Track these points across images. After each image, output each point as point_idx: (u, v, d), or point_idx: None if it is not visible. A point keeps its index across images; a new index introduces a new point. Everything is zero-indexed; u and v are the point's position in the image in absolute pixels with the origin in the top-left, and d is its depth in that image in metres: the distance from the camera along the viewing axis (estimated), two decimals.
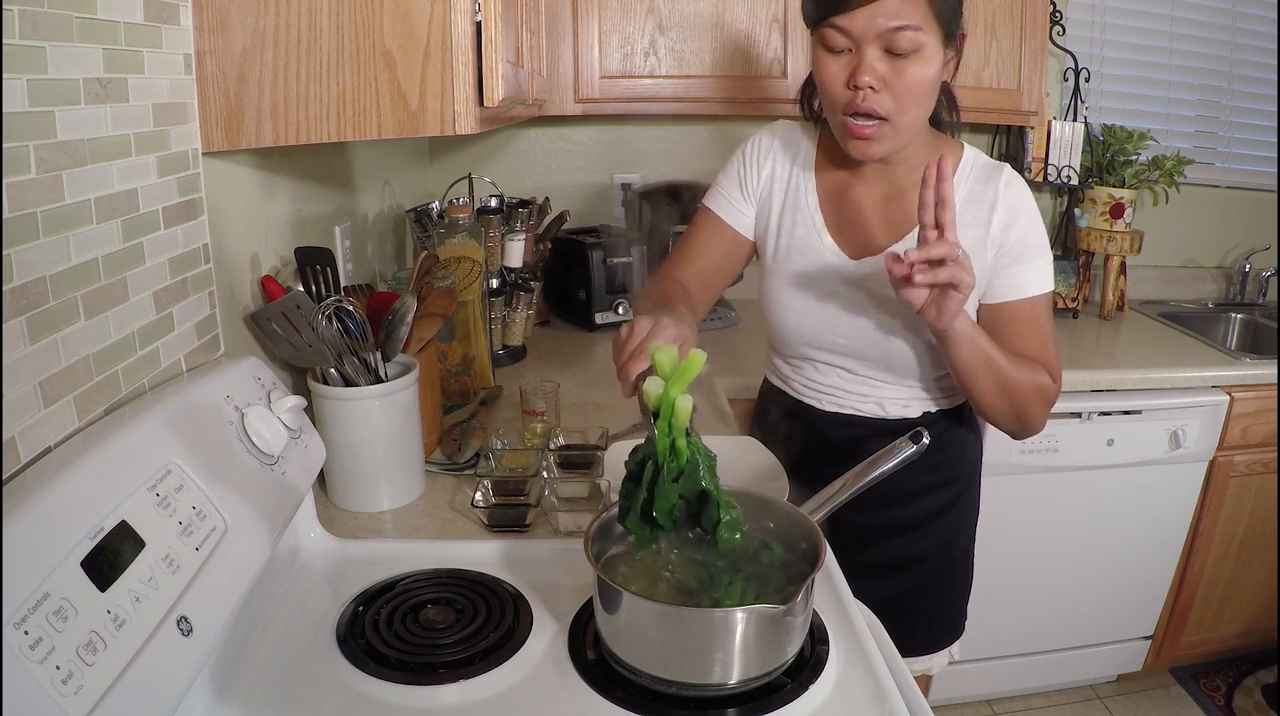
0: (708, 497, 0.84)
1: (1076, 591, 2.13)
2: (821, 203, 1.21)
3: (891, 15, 1.01)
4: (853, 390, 1.24)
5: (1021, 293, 1.14)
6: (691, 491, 0.84)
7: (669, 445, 0.83)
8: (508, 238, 1.83)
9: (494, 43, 0.96)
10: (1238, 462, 2.07)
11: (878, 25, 1.01)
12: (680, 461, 0.83)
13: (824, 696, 0.82)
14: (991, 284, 1.15)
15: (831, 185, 1.21)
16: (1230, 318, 2.55)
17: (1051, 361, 1.16)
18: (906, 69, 1.04)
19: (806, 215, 1.21)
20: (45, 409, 0.73)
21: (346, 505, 1.19)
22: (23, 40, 0.69)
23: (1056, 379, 1.16)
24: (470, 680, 0.84)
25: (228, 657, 0.84)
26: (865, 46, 1.03)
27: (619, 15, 1.92)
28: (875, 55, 1.03)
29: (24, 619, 0.55)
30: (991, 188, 1.14)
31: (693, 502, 0.85)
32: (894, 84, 1.04)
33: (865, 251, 1.18)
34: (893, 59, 1.04)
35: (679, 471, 0.83)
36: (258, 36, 0.95)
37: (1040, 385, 1.14)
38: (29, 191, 0.71)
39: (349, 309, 1.11)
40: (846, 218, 1.19)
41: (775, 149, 1.25)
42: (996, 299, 1.15)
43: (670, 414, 0.82)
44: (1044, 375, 1.14)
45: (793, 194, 1.22)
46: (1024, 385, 1.12)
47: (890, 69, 1.04)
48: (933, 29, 1.03)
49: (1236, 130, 2.57)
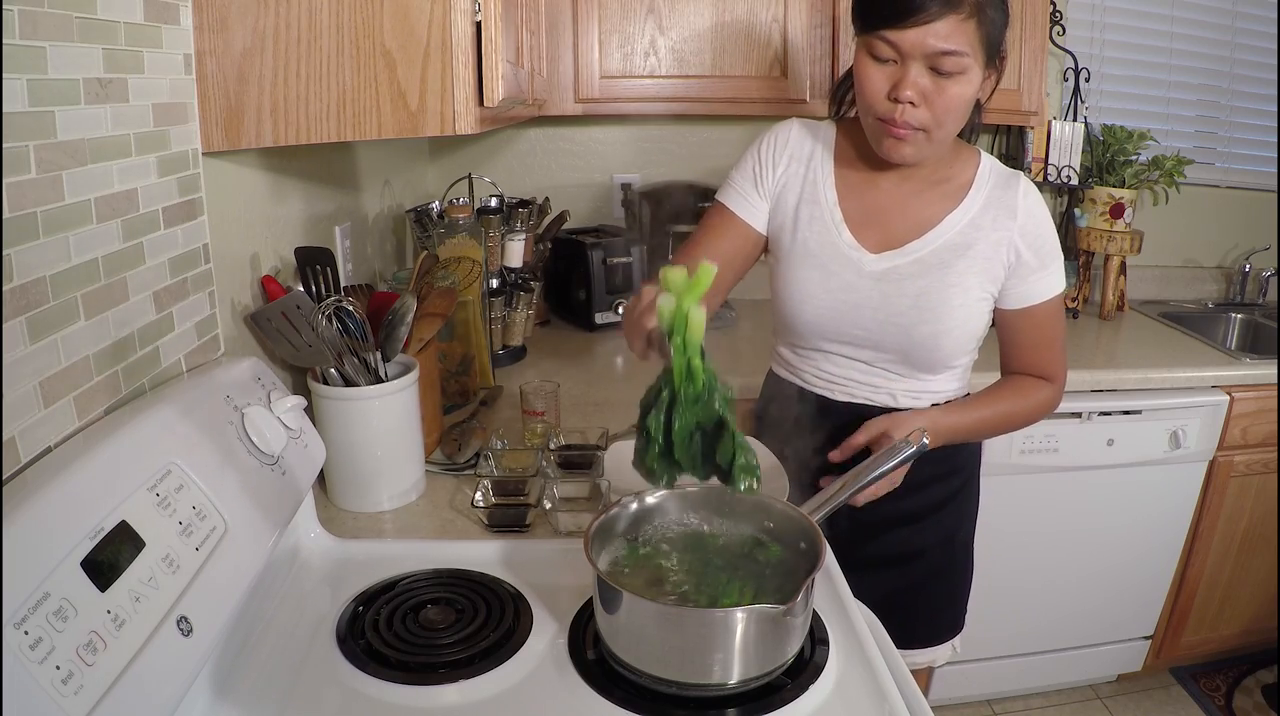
0: (723, 430, 0.84)
1: (1076, 591, 2.13)
2: (840, 198, 1.22)
3: (942, 38, 1.03)
4: (865, 381, 1.25)
5: (1039, 298, 1.20)
6: (709, 419, 0.84)
7: (685, 365, 0.83)
8: (508, 238, 1.83)
9: (494, 43, 0.96)
10: (1238, 462, 2.07)
11: (927, 45, 1.04)
12: (696, 385, 0.83)
13: (824, 696, 0.82)
14: (1011, 290, 1.19)
15: (851, 181, 1.23)
16: (1230, 317, 2.55)
17: (1057, 359, 1.25)
18: (948, 88, 1.07)
19: (824, 210, 1.22)
20: (45, 409, 0.73)
21: (346, 505, 1.19)
22: (23, 40, 0.69)
23: (1058, 378, 1.25)
24: (470, 680, 0.84)
25: (228, 657, 0.84)
26: (911, 62, 1.06)
27: (619, 15, 1.91)
28: (919, 72, 1.06)
29: (24, 619, 0.55)
30: (1011, 194, 1.18)
31: (710, 436, 0.85)
32: (934, 100, 1.07)
33: (885, 246, 1.20)
34: (935, 77, 1.06)
35: (696, 396, 0.84)
36: (258, 36, 0.95)
37: (1036, 406, 1.26)
38: (29, 191, 0.71)
39: (349, 309, 1.11)
40: (867, 214, 1.21)
41: (791, 145, 1.26)
42: (1015, 305, 1.20)
43: (684, 328, 0.82)
44: (1041, 391, 1.25)
45: (810, 189, 1.23)
46: (1020, 417, 1.27)
47: (932, 86, 1.07)
48: (977, 54, 1.06)
49: (1236, 130, 2.57)
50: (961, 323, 1.18)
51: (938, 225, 1.18)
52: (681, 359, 0.83)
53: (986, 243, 1.17)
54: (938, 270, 1.17)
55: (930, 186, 1.20)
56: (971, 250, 1.17)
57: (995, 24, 1.07)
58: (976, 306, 1.18)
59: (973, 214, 1.18)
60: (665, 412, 0.85)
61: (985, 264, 1.17)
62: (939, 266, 1.17)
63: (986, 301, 1.20)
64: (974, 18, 1.04)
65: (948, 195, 1.19)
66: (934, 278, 1.17)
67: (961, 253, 1.17)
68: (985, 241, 1.17)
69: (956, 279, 1.16)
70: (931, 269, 1.17)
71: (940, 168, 1.20)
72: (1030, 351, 1.24)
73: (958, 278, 1.16)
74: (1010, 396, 1.24)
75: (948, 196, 1.19)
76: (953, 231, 1.18)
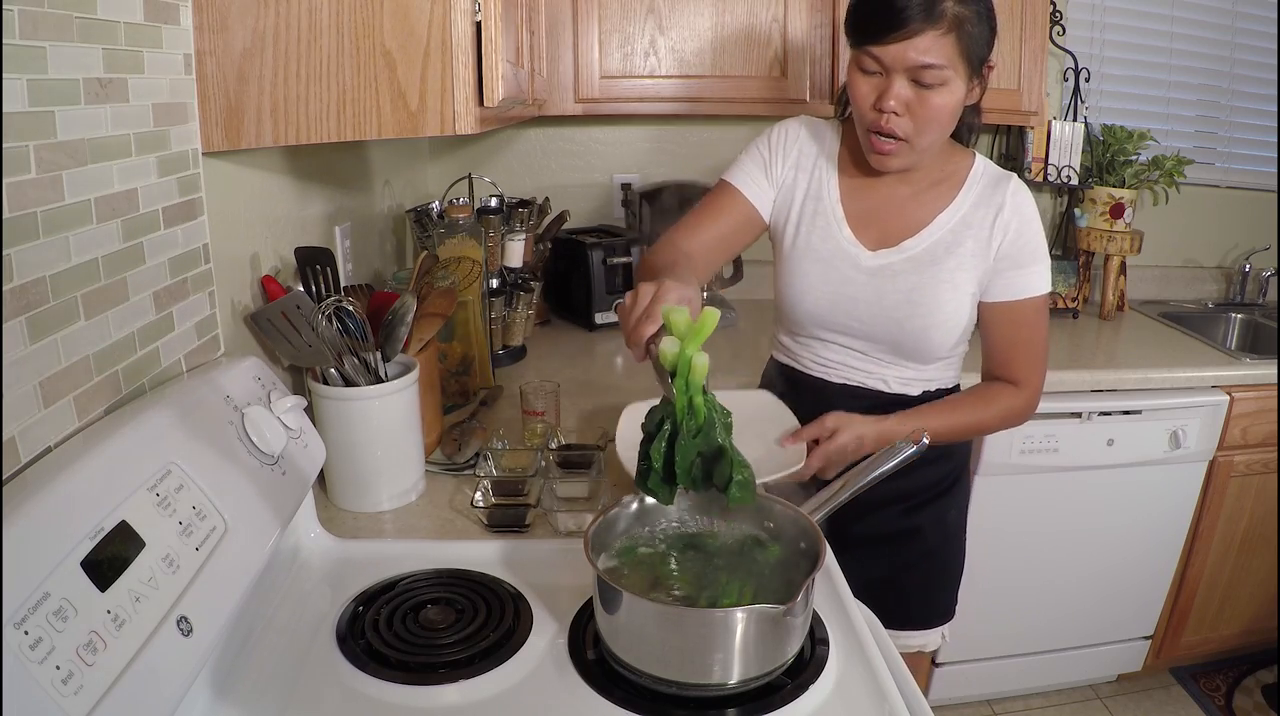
0: (722, 455, 0.87)
1: (1076, 591, 2.13)
2: (843, 197, 1.28)
3: (922, 52, 1.09)
4: (859, 367, 1.31)
5: (1020, 294, 1.23)
6: (709, 448, 0.87)
7: (687, 403, 0.85)
8: (508, 238, 1.83)
9: (494, 43, 0.96)
10: (1238, 462, 2.07)
11: (908, 59, 1.10)
12: (698, 419, 0.86)
13: (824, 696, 0.82)
14: (993, 284, 1.23)
15: (853, 182, 1.29)
16: (1230, 317, 2.55)
17: (1033, 364, 1.26)
18: (930, 99, 1.12)
19: (827, 207, 1.28)
20: (45, 409, 0.73)
21: (346, 505, 1.19)
22: (23, 40, 0.69)
23: (1030, 385, 1.26)
24: (470, 680, 0.84)
25: (228, 657, 0.84)
26: (894, 75, 1.12)
27: (619, 15, 1.92)
28: (902, 84, 1.12)
29: (24, 619, 0.55)
30: (1000, 192, 1.23)
31: (709, 460, 0.88)
32: (916, 110, 1.13)
33: (881, 243, 1.25)
34: (918, 88, 1.12)
35: (697, 429, 0.86)
36: (258, 36, 0.95)
37: (1001, 414, 1.27)
38: (29, 191, 0.71)
39: (349, 309, 1.11)
40: (866, 213, 1.27)
41: (802, 139, 1.31)
42: (996, 298, 1.24)
43: (688, 372, 0.84)
44: (1007, 398, 1.26)
45: (815, 185, 1.29)
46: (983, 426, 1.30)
47: (915, 97, 1.12)
48: (959, 67, 1.12)
49: (1236, 130, 2.57)
50: (951, 316, 1.22)
51: (930, 223, 1.23)
52: (684, 398, 0.86)
53: (976, 239, 1.21)
54: (930, 267, 1.22)
55: (926, 188, 1.25)
56: (962, 247, 1.21)
57: (976, 38, 1.11)
58: (966, 301, 1.23)
59: (963, 212, 1.23)
60: (667, 444, 0.88)
61: (975, 260, 1.21)
62: (931, 263, 1.22)
63: (976, 297, 1.24)
64: (953, 32, 1.09)
65: (942, 195, 1.25)
66: (926, 274, 1.22)
67: (952, 249, 1.22)
68: (975, 238, 1.21)
69: (948, 275, 1.21)
70: (924, 265, 1.22)
71: (936, 170, 1.25)
72: (1005, 348, 1.25)
73: (949, 274, 1.21)
74: (972, 405, 1.27)
75: (942, 196, 1.25)
76: (944, 229, 1.23)
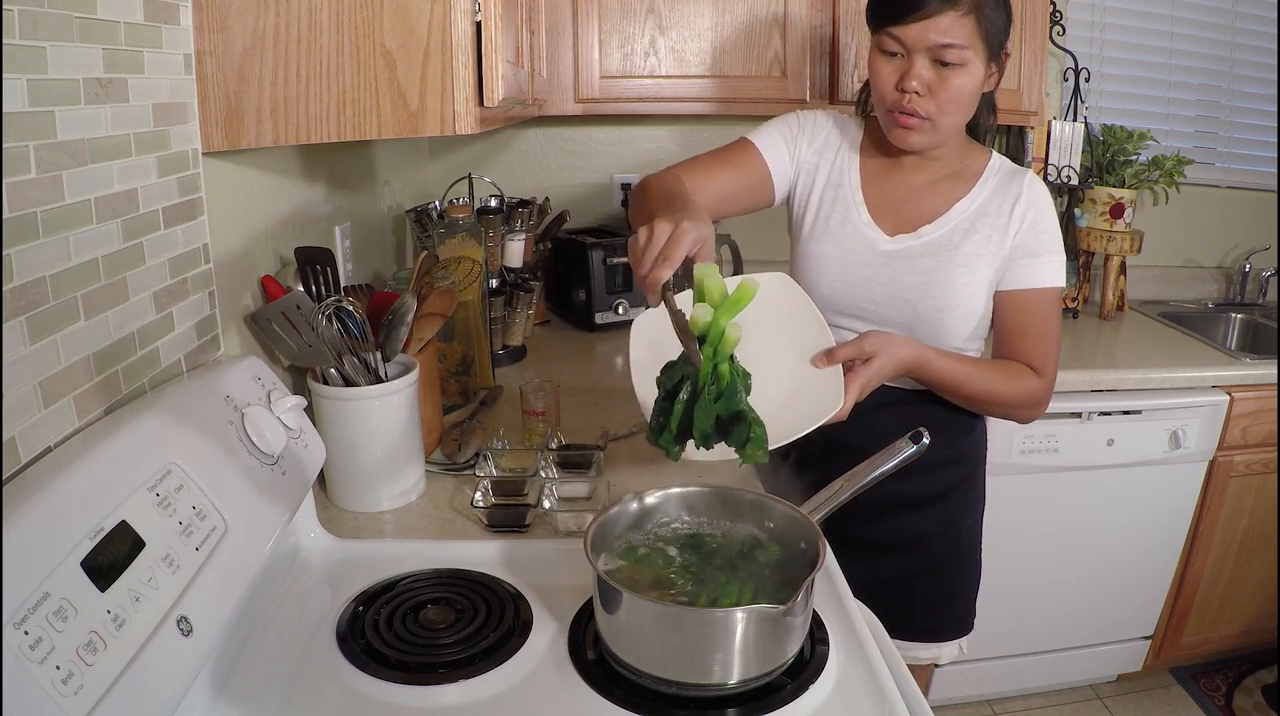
0: (741, 418, 0.87)
1: (1076, 591, 2.13)
2: (863, 183, 1.31)
3: (942, 32, 1.12)
4: None
5: (1033, 283, 1.24)
6: (729, 412, 0.87)
7: (712, 368, 0.85)
8: (508, 238, 1.83)
9: (494, 43, 0.96)
10: (1238, 462, 2.07)
11: (929, 39, 1.13)
12: (721, 384, 0.86)
13: (824, 696, 0.82)
14: (1008, 272, 1.25)
15: (874, 170, 1.32)
16: (1230, 318, 2.55)
17: (1047, 356, 1.25)
18: (950, 79, 1.15)
19: (847, 193, 1.31)
20: (45, 409, 0.73)
21: (346, 505, 1.19)
22: (23, 40, 0.69)
23: (1046, 374, 1.26)
24: (470, 680, 0.84)
25: (228, 657, 0.84)
26: (915, 55, 1.15)
27: (619, 15, 1.91)
28: (924, 64, 1.15)
29: (24, 619, 0.55)
30: (1016, 183, 1.25)
31: (726, 422, 0.88)
32: (937, 91, 1.16)
33: (899, 229, 1.28)
34: (939, 68, 1.15)
35: (718, 393, 0.86)
36: (258, 36, 0.95)
37: (1021, 393, 1.25)
38: (29, 191, 0.71)
39: (349, 309, 1.11)
40: (885, 200, 1.30)
41: (829, 127, 1.35)
42: (1009, 286, 1.25)
43: (718, 341, 0.84)
44: (1029, 380, 1.25)
45: (836, 173, 1.33)
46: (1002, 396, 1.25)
47: (936, 77, 1.15)
48: (978, 48, 1.15)
49: (1236, 130, 2.57)
50: (966, 300, 1.24)
51: (948, 211, 1.26)
52: (710, 364, 0.86)
53: (993, 228, 1.24)
54: (946, 251, 1.24)
55: (945, 178, 1.28)
56: (978, 234, 1.24)
57: (994, 21, 1.15)
58: (981, 288, 1.24)
59: (980, 202, 1.25)
60: (685, 406, 0.87)
61: (991, 247, 1.23)
62: (948, 248, 1.24)
63: (992, 285, 1.25)
64: (973, 14, 1.12)
65: (959, 185, 1.28)
66: (942, 257, 1.24)
67: (969, 236, 1.24)
68: (991, 226, 1.24)
69: (964, 260, 1.23)
70: (941, 250, 1.25)
71: (954, 161, 1.28)
72: (1018, 337, 1.26)
73: (965, 259, 1.23)
74: (998, 371, 1.26)
75: (959, 186, 1.28)
76: (961, 217, 1.26)
